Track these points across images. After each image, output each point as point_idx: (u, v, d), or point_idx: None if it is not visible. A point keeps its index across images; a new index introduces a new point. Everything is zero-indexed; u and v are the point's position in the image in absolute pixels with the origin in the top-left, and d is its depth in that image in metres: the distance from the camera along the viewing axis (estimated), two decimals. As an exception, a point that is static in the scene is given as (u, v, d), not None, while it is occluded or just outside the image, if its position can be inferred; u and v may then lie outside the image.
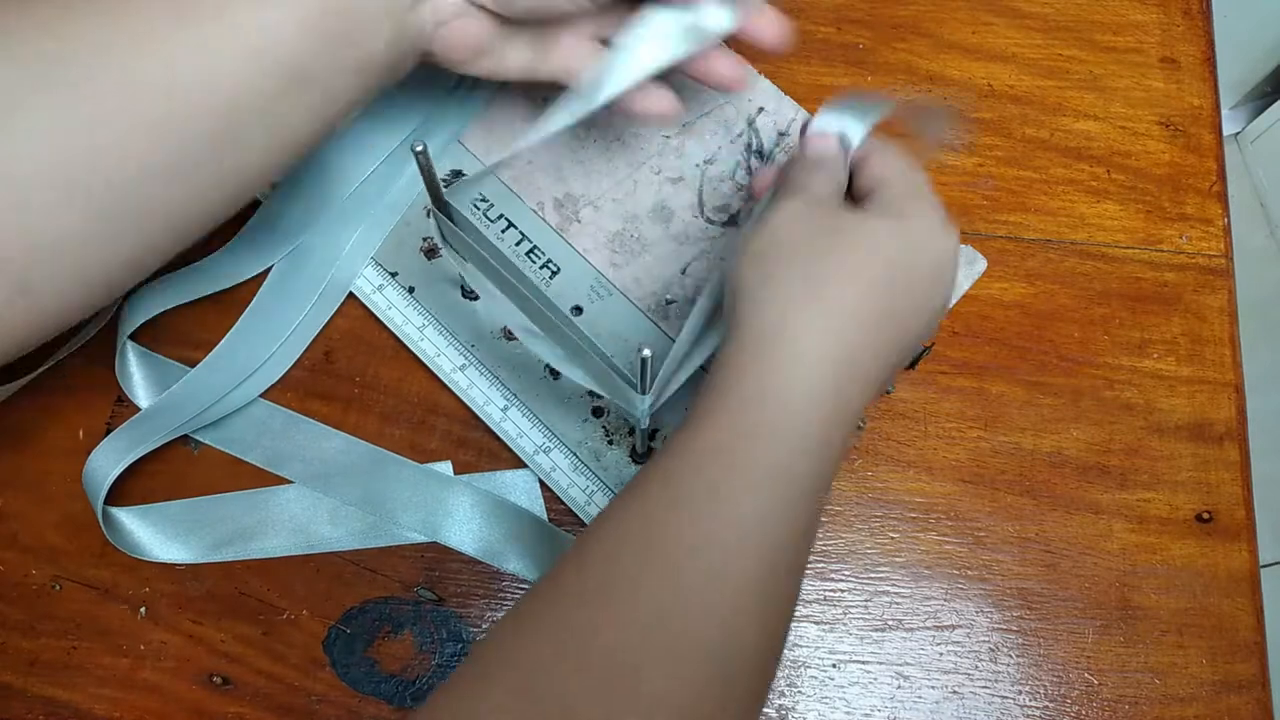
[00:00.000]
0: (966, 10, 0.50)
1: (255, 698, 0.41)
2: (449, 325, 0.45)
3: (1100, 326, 0.46)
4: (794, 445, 0.31)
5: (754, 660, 0.30)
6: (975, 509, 0.43)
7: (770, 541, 0.30)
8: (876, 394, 0.34)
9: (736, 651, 0.29)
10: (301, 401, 0.45)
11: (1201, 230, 0.47)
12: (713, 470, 0.31)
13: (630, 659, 0.28)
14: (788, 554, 0.31)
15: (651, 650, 0.28)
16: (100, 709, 0.41)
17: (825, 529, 0.43)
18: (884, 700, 0.41)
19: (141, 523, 0.43)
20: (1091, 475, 0.44)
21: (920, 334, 0.34)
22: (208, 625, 0.42)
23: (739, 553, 0.30)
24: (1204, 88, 0.49)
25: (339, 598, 0.42)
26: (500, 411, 0.43)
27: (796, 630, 0.42)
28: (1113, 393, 0.45)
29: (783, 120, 0.47)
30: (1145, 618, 0.42)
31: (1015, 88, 0.49)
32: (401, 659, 0.41)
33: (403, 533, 0.43)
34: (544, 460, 0.43)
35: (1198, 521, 0.43)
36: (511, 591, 0.42)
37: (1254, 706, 0.41)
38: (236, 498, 0.43)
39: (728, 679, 0.29)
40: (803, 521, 0.31)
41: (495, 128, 0.47)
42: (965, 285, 0.44)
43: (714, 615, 0.29)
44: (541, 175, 0.46)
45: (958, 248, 0.35)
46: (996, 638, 0.42)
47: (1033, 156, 0.48)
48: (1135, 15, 0.51)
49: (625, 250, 0.45)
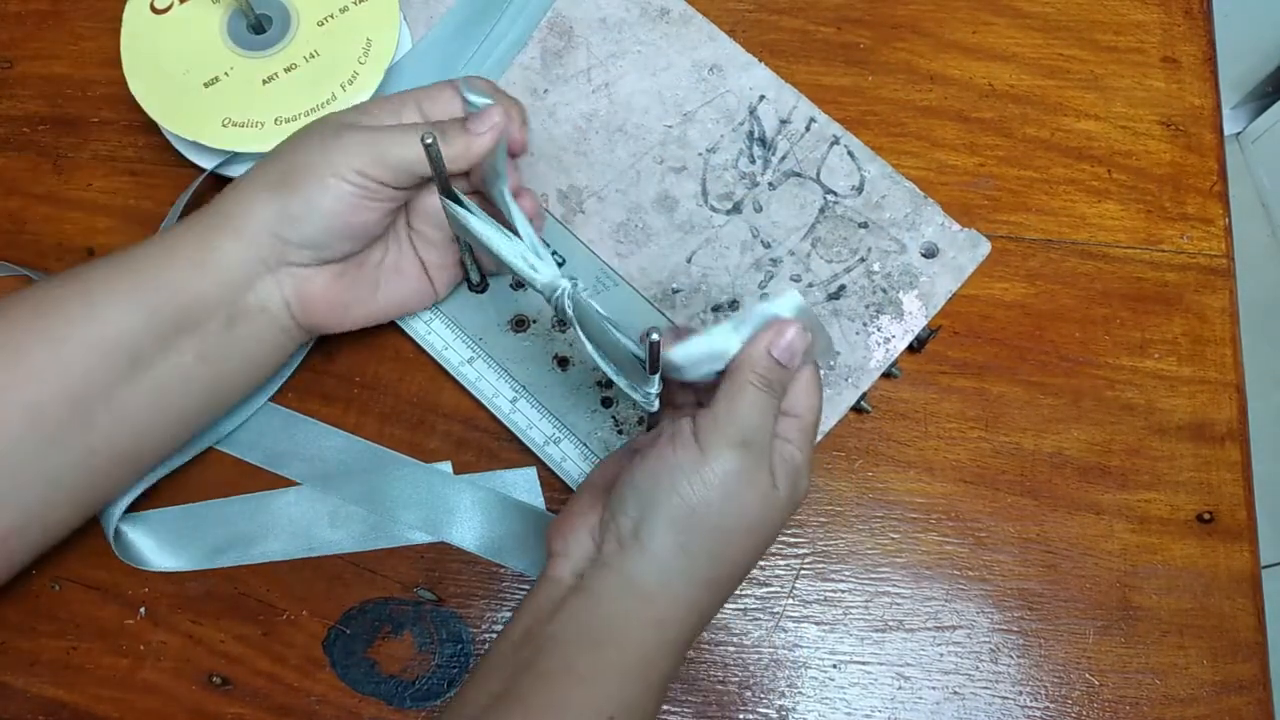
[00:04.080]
0: (967, 10, 0.50)
1: (255, 698, 0.41)
2: (456, 318, 0.45)
3: (1101, 326, 0.46)
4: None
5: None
6: (976, 509, 0.43)
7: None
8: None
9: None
10: (302, 402, 0.44)
11: (1202, 230, 0.47)
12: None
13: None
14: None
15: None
16: (100, 709, 0.41)
17: (826, 529, 0.43)
18: (884, 701, 0.41)
19: (143, 532, 0.43)
20: (1092, 475, 0.44)
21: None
22: (207, 625, 0.42)
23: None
24: (1205, 87, 0.49)
25: (338, 598, 0.42)
26: (509, 403, 0.43)
27: (797, 630, 0.42)
28: (1114, 393, 0.45)
29: (784, 108, 0.47)
30: (1146, 618, 0.42)
31: (1016, 87, 0.49)
32: (401, 659, 0.41)
33: (404, 534, 0.43)
34: (554, 451, 0.43)
35: (1199, 522, 0.43)
36: (511, 592, 0.42)
37: (1255, 707, 0.41)
38: (237, 502, 0.43)
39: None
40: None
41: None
42: (969, 269, 0.44)
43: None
44: (545, 167, 0.46)
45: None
46: (997, 638, 0.42)
47: (1033, 156, 0.48)
48: (1136, 15, 0.50)
49: (630, 240, 0.45)
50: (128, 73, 0.45)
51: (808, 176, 0.46)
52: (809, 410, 0.35)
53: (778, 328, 0.33)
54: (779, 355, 0.33)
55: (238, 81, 0.45)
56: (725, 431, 0.32)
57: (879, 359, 0.43)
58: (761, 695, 0.41)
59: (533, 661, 0.32)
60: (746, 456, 0.32)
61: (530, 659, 0.32)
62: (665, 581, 0.33)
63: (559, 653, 0.32)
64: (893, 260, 0.44)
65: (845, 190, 0.46)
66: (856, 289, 0.44)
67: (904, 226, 0.45)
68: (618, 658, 0.32)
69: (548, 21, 0.48)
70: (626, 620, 0.32)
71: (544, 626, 0.33)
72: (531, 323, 0.45)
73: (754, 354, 0.33)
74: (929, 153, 0.48)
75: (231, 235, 0.37)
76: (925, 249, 0.44)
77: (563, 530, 0.35)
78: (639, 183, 0.46)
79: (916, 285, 0.44)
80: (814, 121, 0.47)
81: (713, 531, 0.33)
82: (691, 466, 0.32)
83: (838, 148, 0.46)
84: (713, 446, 0.32)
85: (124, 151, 0.49)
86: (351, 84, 0.45)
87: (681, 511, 0.32)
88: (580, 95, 0.47)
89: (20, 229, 0.48)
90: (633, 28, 0.48)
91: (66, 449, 0.35)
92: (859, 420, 0.44)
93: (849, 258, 0.45)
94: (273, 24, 0.45)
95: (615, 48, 0.48)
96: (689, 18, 0.48)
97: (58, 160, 0.49)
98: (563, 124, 0.47)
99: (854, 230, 0.45)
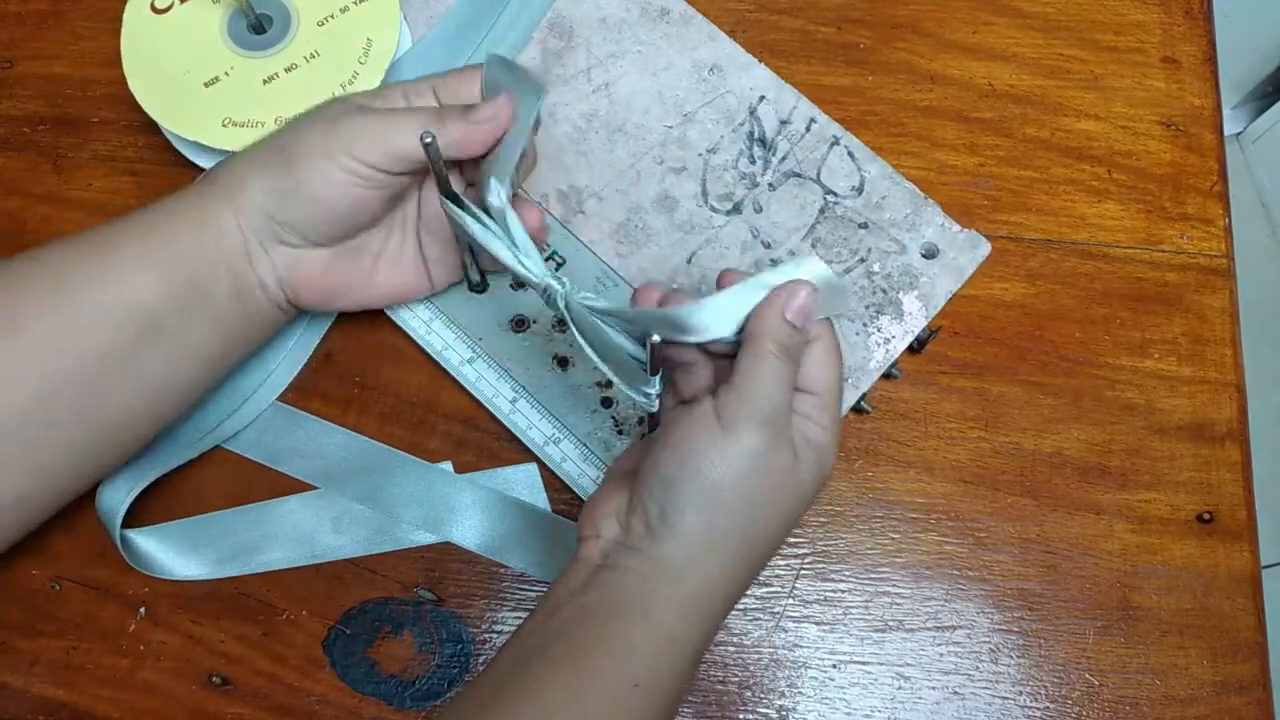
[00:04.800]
0: (967, 10, 0.50)
1: (255, 698, 0.41)
2: (456, 318, 0.45)
3: (1101, 327, 0.46)
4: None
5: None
6: (976, 509, 0.43)
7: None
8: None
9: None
10: (302, 401, 0.45)
11: (1203, 230, 0.47)
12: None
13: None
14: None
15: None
16: (100, 709, 0.41)
17: (826, 529, 0.43)
18: (884, 701, 0.41)
19: (152, 542, 0.43)
20: (1092, 476, 0.44)
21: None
22: (207, 625, 0.42)
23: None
24: (1205, 87, 0.49)
25: (338, 598, 0.42)
26: (509, 404, 0.43)
27: (797, 630, 0.42)
28: (1114, 393, 0.45)
29: (784, 108, 0.47)
30: (1146, 618, 0.42)
31: (1016, 87, 0.49)
32: (401, 659, 0.41)
33: (406, 536, 0.43)
34: (554, 451, 0.43)
35: (1199, 522, 0.43)
36: (512, 592, 0.42)
37: (1255, 707, 0.41)
38: (240, 512, 0.43)
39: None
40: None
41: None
42: (969, 269, 0.44)
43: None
44: (545, 167, 0.46)
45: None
46: (997, 638, 0.42)
47: (1033, 156, 0.48)
48: (1136, 15, 0.50)
49: (630, 241, 0.45)
50: (128, 73, 0.45)
51: (808, 177, 0.46)
52: (827, 388, 0.35)
53: (790, 289, 0.33)
54: (792, 318, 0.33)
55: (238, 81, 0.45)
56: (748, 408, 0.32)
57: (879, 359, 0.43)
58: (761, 695, 0.41)
59: (562, 631, 0.32)
60: (769, 432, 0.33)
61: (560, 628, 0.32)
62: (694, 561, 0.33)
63: (588, 623, 0.32)
64: (893, 261, 0.44)
65: (845, 191, 0.46)
66: (856, 289, 0.44)
67: (904, 227, 0.45)
68: (647, 632, 0.32)
69: (548, 21, 0.48)
70: (655, 597, 0.32)
71: (575, 600, 0.33)
72: (531, 323, 0.45)
73: (770, 322, 0.33)
74: (929, 153, 0.48)
75: (228, 205, 0.37)
76: (925, 249, 0.44)
77: (591, 516, 0.35)
78: (639, 183, 0.46)
79: (916, 286, 0.44)
80: (814, 122, 0.47)
81: (739, 509, 0.33)
82: (714, 446, 0.32)
83: (838, 148, 0.46)
84: (735, 423, 0.32)
85: (124, 151, 0.49)
86: (352, 84, 0.45)
87: (707, 491, 0.32)
88: (580, 95, 0.47)
89: (20, 229, 0.48)
90: (633, 28, 0.48)
91: (80, 415, 0.35)
92: (859, 420, 0.44)
93: (849, 258, 0.45)
94: (273, 24, 0.45)
95: (615, 48, 0.48)
96: (689, 18, 0.48)
97: (58, 160, 0.49)
98: (563, 124, 0.47)
99: (854, 231, 0.45)
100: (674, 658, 0.32)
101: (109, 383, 0.35)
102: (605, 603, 0.33)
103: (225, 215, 0.37)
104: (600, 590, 0.33)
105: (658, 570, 0.33)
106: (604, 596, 0.33)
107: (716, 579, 0.33)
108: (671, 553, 0.33)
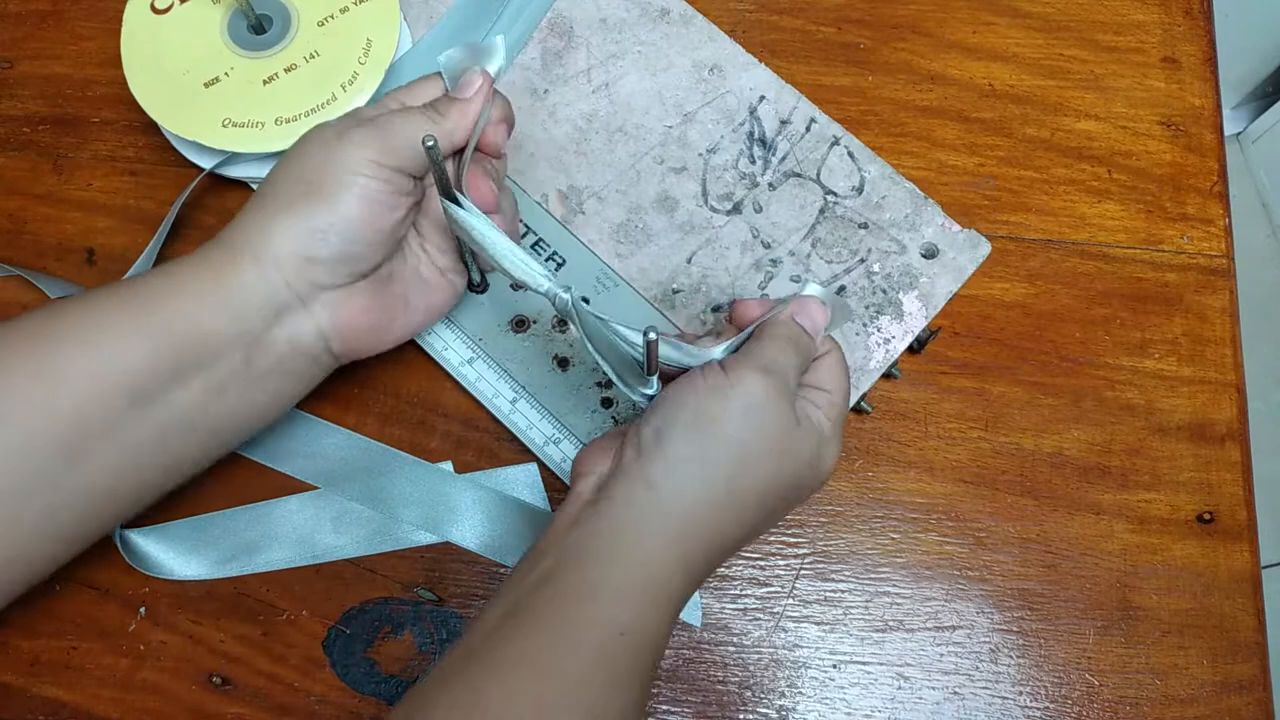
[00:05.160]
0: (967, 10, 0.50)
1: (255, 698, 0.41)
2: (456, 318, 0.45)
3: (1101, 327, 0.46)
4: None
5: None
6: (976, 510, 0.43)
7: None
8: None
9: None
10: (302, 402, 0.44)
11: (1203, 230, 0.47)
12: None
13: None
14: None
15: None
16: (100, 709, 0.41)
17: (826, 529, 0.43)
18: (884, 701, 0.41)
19: (152, 543, 0.43)
20: (1092, 476, 0.44)
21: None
22: (207, 625, 0.42)
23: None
24: (1205, 88, 0.49)
25: (338, 598, 0.42)
26: (509, 404, 0.43)
27: (797, 630, 0.42)
28: (1114, 393, 0.45)
29: (784, 108, 0.47)
30: (1146, 618, 0.42)
31: (1016, 87, 0.49)
32: (401, 659, 0.41)
33: (406, 537, 0.43)
34: (554, 451, 0.43)
35: (1199, 522, 0.43)
36: (511, 592, 0.42)
37: (1255, 707, 0.41)
38: (240, 512, 0.43)
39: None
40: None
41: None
42: (969, 269, 0.44)
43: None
44: (545, 167, 0.46)
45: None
46: (997, 638, 0.42)
47: (1033, 156, 0.48)
48: (1136, 15, 0.50)
49: (630, 241, 0.45)
50: (128, 73, 0.45)
51: (808, 177, 0.46)
52: (836, 388, 0.36)
53: (801, 301, 0.36)
54: (802, 322, 0.36)
55: (238, 82, 0.45)
56: (752, 359, 0.34)
57: (879, 360, 0.43)
58: (761, 695, 0.41)
59: (548, 576, 0.32)
60: (770, 380, 0.34)
61: (546, 574, 0.32)
62: (679, 490, 0.33)
63: (573, 566, 0.32)
64: (893, 261, 0.44)
65: (845, 191, 0.46)
66: (856, 290, 0.44)
67: (904, 227, 0.45)
68: (631, 573, 0.32)
69: (548, 21, 0.48)
70: (640, 533, 0.32)
71: (561, 538, 0.33)
72: (531, 323, 0.45)
73: (781, 317, 0.36)
74: (929, 153, 0.48)
75: (250, 265, 0.35)
76: (925, 250, 0.44)
77: (587, 455, 0.36)
78: (639, 183, 0.46)
79: (916, 286, 0.44)
80: (814, 122, 0.47)
81: (731, 450, 0.33)
82: (715, 388, 0.34)
83: (838, 148, 0.46)
84: (737, 368, 0.34)
85: (124, 151, 0.49)
86: (351, 84, 0.45)
87: (703, 419, 0.33)
88: (580, 95, 0.47)
89: (20, 229, 0.48)
90: (633, 28, 0.48)
91: (59, 488, 0.34)
92: (859, 420, 0.44)
93: (849, 258, 0.45)
94: (273, 24, 0.46)
95: (615, 48, 0.48)
96: (689, 18, 0.48)
97: (58, 160, 0.49)
98: (563, 124, 0.47)
99: (854, 231, 0.45)
100: (661, 603, 0.32)
101: (91, 455, 0.34)
102: (591, 542, 0.33)
103: (246, 276, 0.35)
104: (587, 528, 0.33)
105: (643, 492, 0.33)
106: (591, 535, 0.33)
107: (702, 518, 0.33)
108: (659, 476, 0.33)
